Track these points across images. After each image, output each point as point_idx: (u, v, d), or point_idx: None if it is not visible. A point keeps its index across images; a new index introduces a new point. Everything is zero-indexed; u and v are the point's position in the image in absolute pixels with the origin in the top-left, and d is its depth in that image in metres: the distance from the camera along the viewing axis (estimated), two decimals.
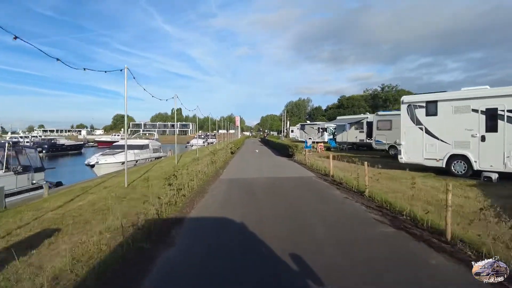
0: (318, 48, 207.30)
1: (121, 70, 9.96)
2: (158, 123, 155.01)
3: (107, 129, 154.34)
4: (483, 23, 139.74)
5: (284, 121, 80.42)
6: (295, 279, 3.76)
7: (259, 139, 75.18)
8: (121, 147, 22.74)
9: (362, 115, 27.05)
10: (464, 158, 11.13)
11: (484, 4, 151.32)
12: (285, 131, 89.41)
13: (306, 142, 23.88)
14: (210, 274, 3.92)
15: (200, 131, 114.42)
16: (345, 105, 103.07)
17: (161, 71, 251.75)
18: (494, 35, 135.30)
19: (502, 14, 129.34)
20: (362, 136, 25.62)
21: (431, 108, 12.04)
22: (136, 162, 25.24)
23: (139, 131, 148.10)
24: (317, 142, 28.91)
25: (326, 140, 40.70)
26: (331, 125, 41.22)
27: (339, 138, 28.49)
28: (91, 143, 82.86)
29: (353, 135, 26.34)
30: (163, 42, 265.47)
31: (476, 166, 10.79)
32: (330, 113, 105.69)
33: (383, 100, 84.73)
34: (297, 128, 52.88)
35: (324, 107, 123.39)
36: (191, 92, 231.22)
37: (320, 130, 41.50)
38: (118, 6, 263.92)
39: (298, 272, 3.90)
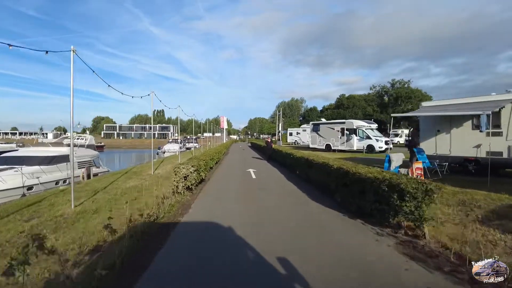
0: (304, 52, 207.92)
1: None
2: (135, 125, 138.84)
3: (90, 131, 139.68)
4: (463, 29, 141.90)
5: (279, 123, 66.48)
6: None
7: (249, 144, 60.56)
8: (13, 160, 14.63)
9: (493, 96, 12.52)
10: None
11: (464, 12, 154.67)
12: (279, 134, 75.35)
13: (389, 161, 9.60)
14: None
15: (176, 134, 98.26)
16: (345, 105, 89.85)
17: (148, 74, 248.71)
18: (474, 41, 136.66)
19: (481, 21, 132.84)
20: (500, 144, 11.40)
21: None
22: (28, 190, 13.06)
23: (114, 133, 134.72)
24: (413, 164, 12.81)
25: (355, 148, 26.50)
26: (363, 125, 27.09)
27: (428, 147, 13.73)
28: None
29: (469, 141, 12.24)
30: (150, 45, 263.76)
31: None
32: (328, 114, 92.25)
33: (394, 98, 71.41)
34: (305, 130, 38.63)
35: (319, 109, 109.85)
36: (178, 95, 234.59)
37: (346, 132, 27.24)
38: (103, 7, 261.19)
39: None
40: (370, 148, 25.40)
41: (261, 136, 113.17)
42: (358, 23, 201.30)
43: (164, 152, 38.82)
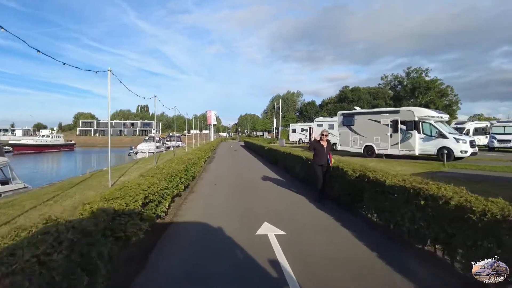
0: (293, 48, 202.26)
1: None
2: (115, 121, 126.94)
3: (65, 129, 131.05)
4: (456, 25, 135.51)
5: (276, 118, 56.58)
6: None
7: (241, 143, 50.09)
8: None
9: None
10: None
11: (456, 7, 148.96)
12: (276, 131, 65.34)
13: None
14: None
15: (153, 131, 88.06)
16: (349, 98, 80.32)
17: (135, 69, 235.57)
18: (467, 37, 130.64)
19: (474, 16, 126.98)
20: None
21: None
22: None
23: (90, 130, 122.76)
24: None
25: (417, 151, 16.70)
26: (431, 115, 17.26)
27: None
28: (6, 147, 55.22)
29: None
30: (136, 39, 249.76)
31: None
32: (329, 109, 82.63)
33: (411, 89, 61.50)
34: (320, 125, 28.42)
35: (318, 103, 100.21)
36: (166, 91, 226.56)
37: (401, 127, 17.31)
38: (88, 0, 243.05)
39: None
40: (446, 153, 15.44)
41: (255, 133, 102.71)
42: (348, 18, 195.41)
43: (136, 153, 32.04)
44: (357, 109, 21.65)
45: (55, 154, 52.23)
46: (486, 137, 25.72)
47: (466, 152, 15.55)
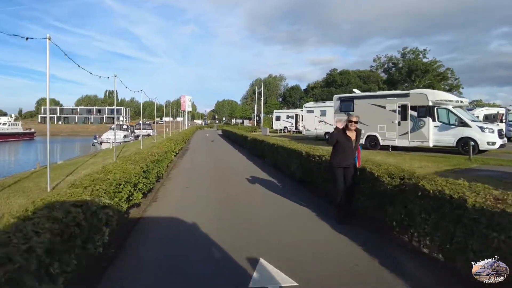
0: (274, 28, 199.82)
1: None
2: (80, 107, 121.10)
3: (27, 116, 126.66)
4: (449, 3, 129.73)
5: (257, 105, 54.15)
6: None
7: (219, 132, 47.50)
8: None
9: None
10: None
11: None
12: (258, 118, 63.20)
13: None
14: None
15: (121, 118, 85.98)
16: (338, 82, 79.02)
17: (102, 51, 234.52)
18: (462, 17, 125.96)
19: None
20: None
21: None
22: None
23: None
24: None
25: (432, 142, 15.11)
26: (449, 98, 15.71)
27: None
28: None
29: None
30: (105, 19, 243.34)
31: None
32: (316, 94, 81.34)
33: (407, 72, 60.23)
34: (311, 112, 26.26)
35: (303, 87, 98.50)
36: (137, 75, 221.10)
37: (411, 113, 15.67)
38: None
39: None
40: (467, 145, 13.75)
41: (234, 121, 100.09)
42: None
43: (101, 143, 29.97)
44: (357, 92, 19.64)
45: (12, 143, 48.32)
46: (498, 125, 24.48)
47: (493, 143, 13.90)
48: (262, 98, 51.77)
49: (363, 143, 17.52)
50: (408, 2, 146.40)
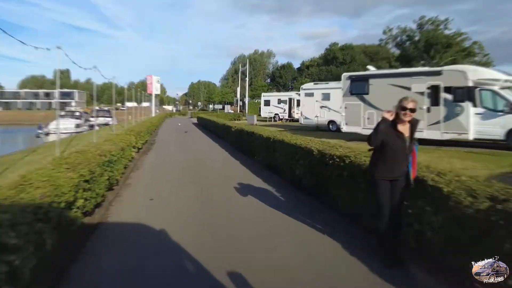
0: None
1: None
2: (25, 90, 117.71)
3: None
4: None
5: (244, 86, 52.64)
6: None
7: (195, 121, 45.81)
8: None
9: None
10: None
11: None
12: (241, 103, 61.92)
13: None
14: None
15: (69, 103, 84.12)
16: (339, 59, 78.10)
17: (53, 22, 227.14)
18: None
19: None
20: None
21: None
22: None
23: None
24: None
25: (472, 134, 14.13)
26: (495, 78, 14.82)
27: None
28: None
29: None
30: None
31: None
32: (312, 73, 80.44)
33: (425, 45, 59.50)
34: (310, 95, 24.89)
35: (296, 66, 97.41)
36: (94, 51, 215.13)
37: (443, 96, 14.62)
38: None
39: None
40: None
41: (212, 107, 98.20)
42: None
43: (47, 134, 27.42)
44: (372, 69, 18.43)
45: None
46: None
47: None
48: (247, 78, 50.33)
49: None
50: None
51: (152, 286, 3.74)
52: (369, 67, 18.76)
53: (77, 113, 31.79)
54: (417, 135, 12.57)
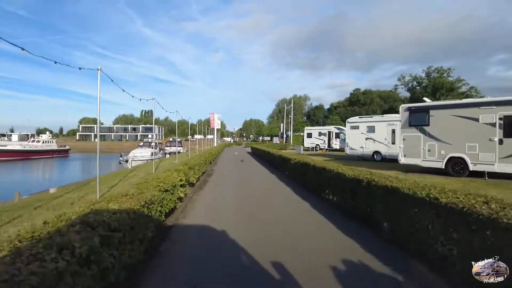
0: (294, 55, 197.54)
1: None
2: (116, 126, 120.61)
3: (70, 134, 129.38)
4: (452, 32, 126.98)
5: (288, 121, 49.40)
6: None
7: (248, 150, 42.81)
8: None
9: None
10: None
11: (452, 15, 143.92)
12: (285, 136, 58.41)
13: None
14: None
15: (150, 136, 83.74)
16: (361, 101, 73.13)
17: (140, 75, 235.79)
18: (463, 45, 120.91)
19: (470, 25, 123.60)
20: None
21: None
22: None
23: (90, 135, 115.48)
24: None
25: None
26: None
27: None
28: None
29: None
30: (143, 47, 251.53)
31: None
32: (340, 112, 75.64)
33: (432, 89, 54.55)
34: (356, 128, 20.86)
35: (326, 107, 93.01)
36: (171, 96, 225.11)
37: None
38: (96, 7, 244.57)
39: None
40: None
41: (261, 139, 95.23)
42: (349, 26, 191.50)
43: (127, 161, 25.77)
44: (428, 101, 14.27)
45: (45, 160, 45.17)
46: None
47: None
48: (291, 115, 46.83)
49: (443, 167, 12.15)
50: (414, 32, 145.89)
51: None
52: (426, 99, 14.66)
53: (153, 144, 29.27)
54: (486, 168, 7.84)
